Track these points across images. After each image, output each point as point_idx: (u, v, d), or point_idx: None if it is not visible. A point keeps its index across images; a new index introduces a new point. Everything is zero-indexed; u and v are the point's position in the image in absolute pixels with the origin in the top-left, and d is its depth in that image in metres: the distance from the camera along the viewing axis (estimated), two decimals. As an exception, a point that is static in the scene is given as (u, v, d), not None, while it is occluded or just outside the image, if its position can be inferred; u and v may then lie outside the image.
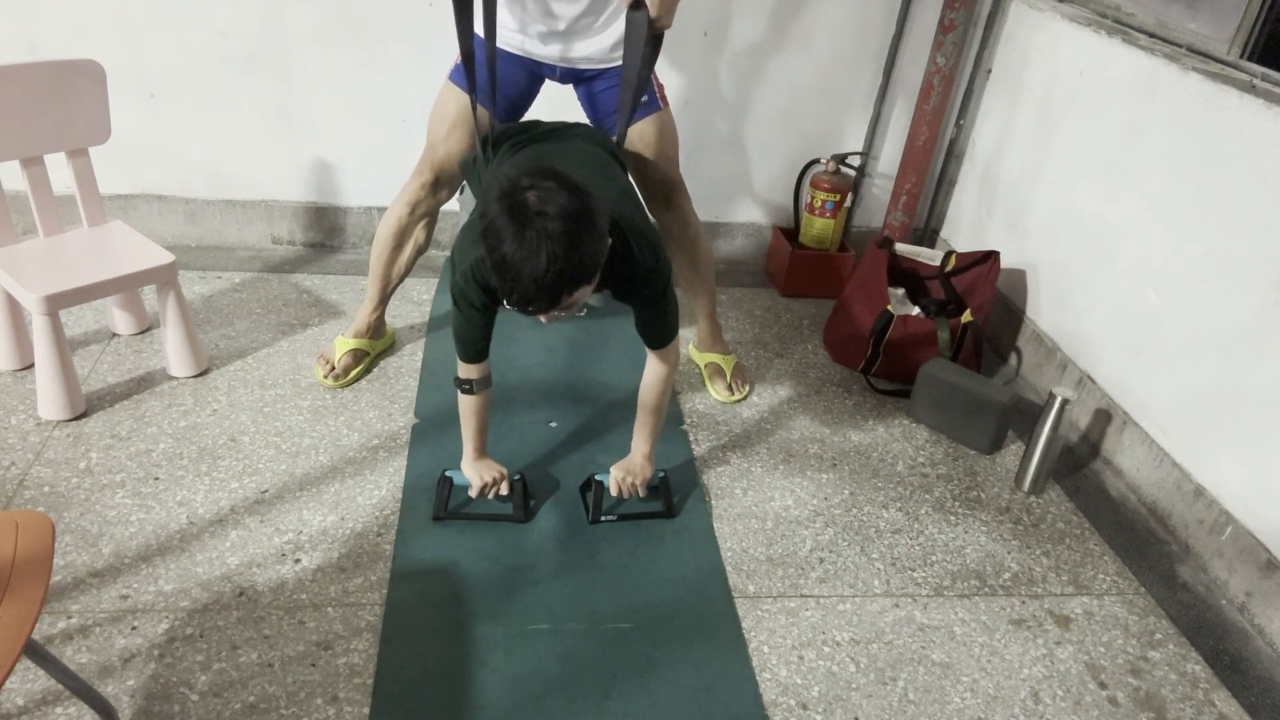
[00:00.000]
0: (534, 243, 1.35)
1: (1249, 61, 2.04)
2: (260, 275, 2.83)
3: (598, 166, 1.80)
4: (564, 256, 1.37)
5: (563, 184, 1.40)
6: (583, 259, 1.40)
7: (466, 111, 2.05)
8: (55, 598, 1.67)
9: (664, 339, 1.81)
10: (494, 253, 1.39)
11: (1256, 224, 1.91)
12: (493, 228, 1.39)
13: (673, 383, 1.93)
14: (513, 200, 1.38)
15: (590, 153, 1.85)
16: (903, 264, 2.77)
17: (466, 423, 1.88)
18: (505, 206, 1.38)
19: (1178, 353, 2.12)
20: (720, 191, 3.09)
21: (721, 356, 2.48)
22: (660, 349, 1.83)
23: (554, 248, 1.36)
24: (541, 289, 1.39)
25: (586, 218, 1.41)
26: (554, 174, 1.42)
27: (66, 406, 2.11)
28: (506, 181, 1.41)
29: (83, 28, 2.61)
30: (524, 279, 1.38)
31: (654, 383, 1.88)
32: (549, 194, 1.37)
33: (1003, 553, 2.02)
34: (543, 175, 1.41)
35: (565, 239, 1.37)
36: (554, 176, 1.41)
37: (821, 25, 2.84)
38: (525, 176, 1.40)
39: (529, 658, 1.64)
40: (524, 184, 1.39)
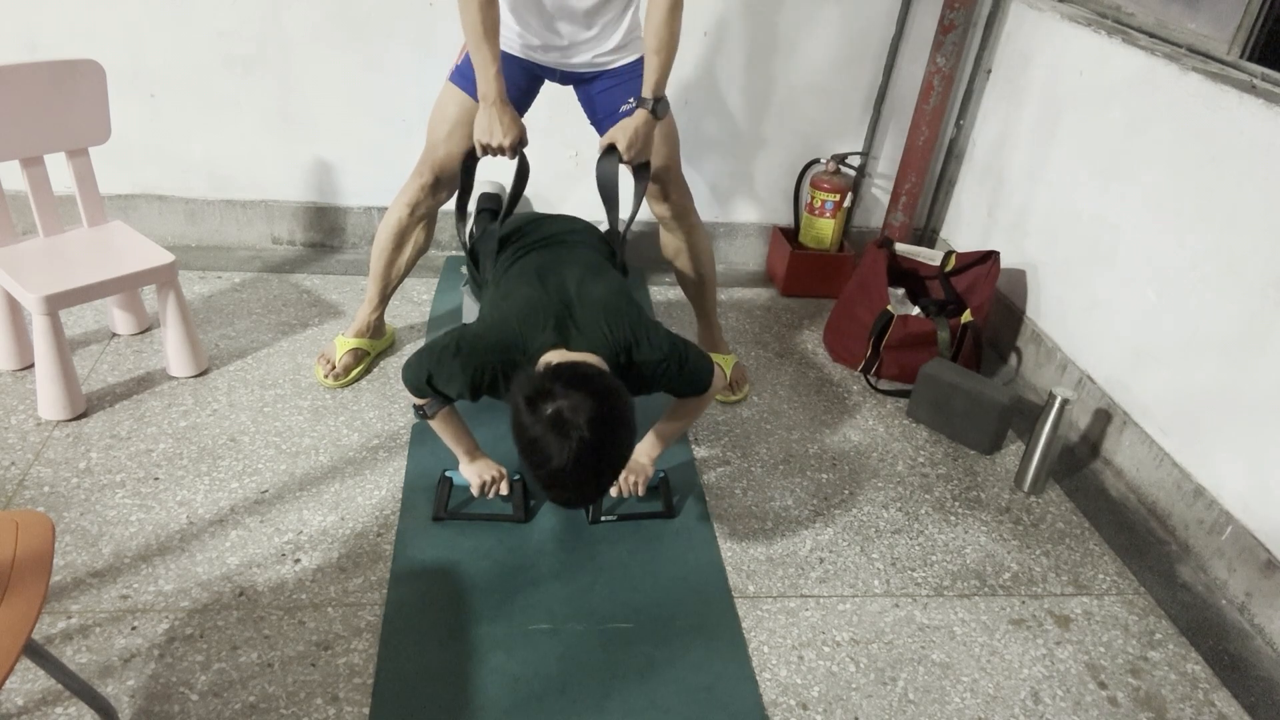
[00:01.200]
0: (575, 457, 1.45)
1: (1249, 61, 2.04)
2: (260, 275, 2.83)
3: (595, 271, 1.84)
4: (606, 469, 1.53)
5: (588, 388, 1.48)
6: (619, 458, 1.56)
7: (467, 112, 2.05)
8: (55, 598, 1.67)
9: (704, 386, 1.84)
10: (540, 470, 1.49)
11: (1256, 224, 1.92)
12: (534, 446, 1.48)
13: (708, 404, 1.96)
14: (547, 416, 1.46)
15: (587, 259, 1.89)
16: (903, 264, 2.77)
17: (445, 436, 1.89)
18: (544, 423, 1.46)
19: (1178, 353, 2.12)
20: (720, 191, 3.09)
21: (721, 356, 2.48)
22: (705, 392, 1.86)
23: (596, 458, 1.48)
24: (585, 496, 1.60)
25: (617, 419, 1.51)
26: (578, 378, 1.50)
27: (66, 406, 2.11)
28: (533, 389, 1.49)
29: (83, 28, 2.61)
30: (570, 490, 1.53)
31: (697, 402, 1.90)
32: (579, 404, 1.46)
33: (1003, 553, 2.02)
34: (568, 382, 1.48)
35: (604, 448, 1.49)
36: (579, 382, 1.49)
37: (821, 25, 2.84)
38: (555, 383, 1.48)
39: (529, 658, 1.64)
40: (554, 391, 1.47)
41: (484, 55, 1.86)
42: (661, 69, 1.93)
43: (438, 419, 1.83)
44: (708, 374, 1.83)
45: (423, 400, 1.79)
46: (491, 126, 1.90)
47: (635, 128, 1.94)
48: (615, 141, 1.95)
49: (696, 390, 1.84)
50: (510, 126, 1.91)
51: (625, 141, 1.94)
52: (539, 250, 1.90)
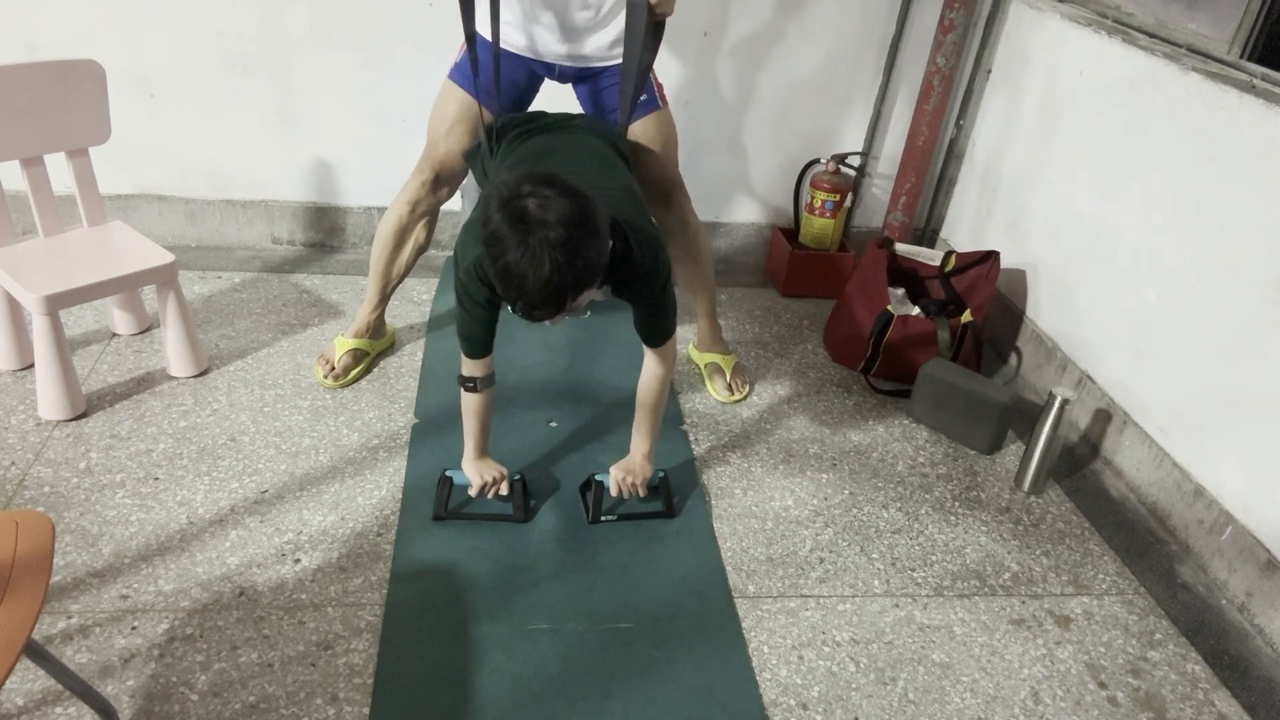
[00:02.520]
0: (536, 251, 1.36)
1: (1249, 61, 2.04)
2: (260, 275, 2.83)
3: (600, 161, 1.80)
4: (567, 263, 1.38)
5: (562, 190, 1.41)
6: (585, 264, 1.42)
7: (466, 110, 2.05)
8: (55, 598, 1.67)
9: (661, 337, 1.82)
10: (497, 262, 1.41)
11: (1256, 224, 1.91)
12: (495, 237, 1.40)
13: (670, 381, 1.93)
14: (514, 208, 1.38)
15: (593, 146, 1.85)
16: (903, 264, 2.77)
17: (469, 421, 1.88)
18: (507, 215, 1.38)
19: (1178, 353, 2.12)
20: (720, 191, 3.09)
21: (721, 356, 2.48)
22: (658, 347, 1.83)
23: (556, 255, 1.37)
24: (546, 296, 1.41)
25: (587, 223, 1.41)
26: (553, 180, 1.42)
27: (66, 406, 2.11)
28: (506, 189, 1.42)
29: (83, 28, 2.61)
30: (528, 287, 1.40)
31: (651, 381, 1.88)
32: (549, 201, 1.38)
33: (1003, 553, 2.02)
34: (542, 182, 1.41)
35: (567, 246, 1.38)
36: (553, 183, 1.42)
37: (821, 25, 2.84)
38: (525, 183, 1.41)
39: (529, 658, 1.64)
40: (524, 191, 1.40)
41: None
42: None
43: (476, 399, 1.82)
44: (672, 324, 1.80)
45: (475, 371, 1.78)
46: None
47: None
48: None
49: (660, 328, 1.80)
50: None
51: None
52: (541, 134, 1.86)
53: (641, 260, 1.66)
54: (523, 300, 1.43)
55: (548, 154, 1.77)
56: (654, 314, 1.78)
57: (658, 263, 1.69)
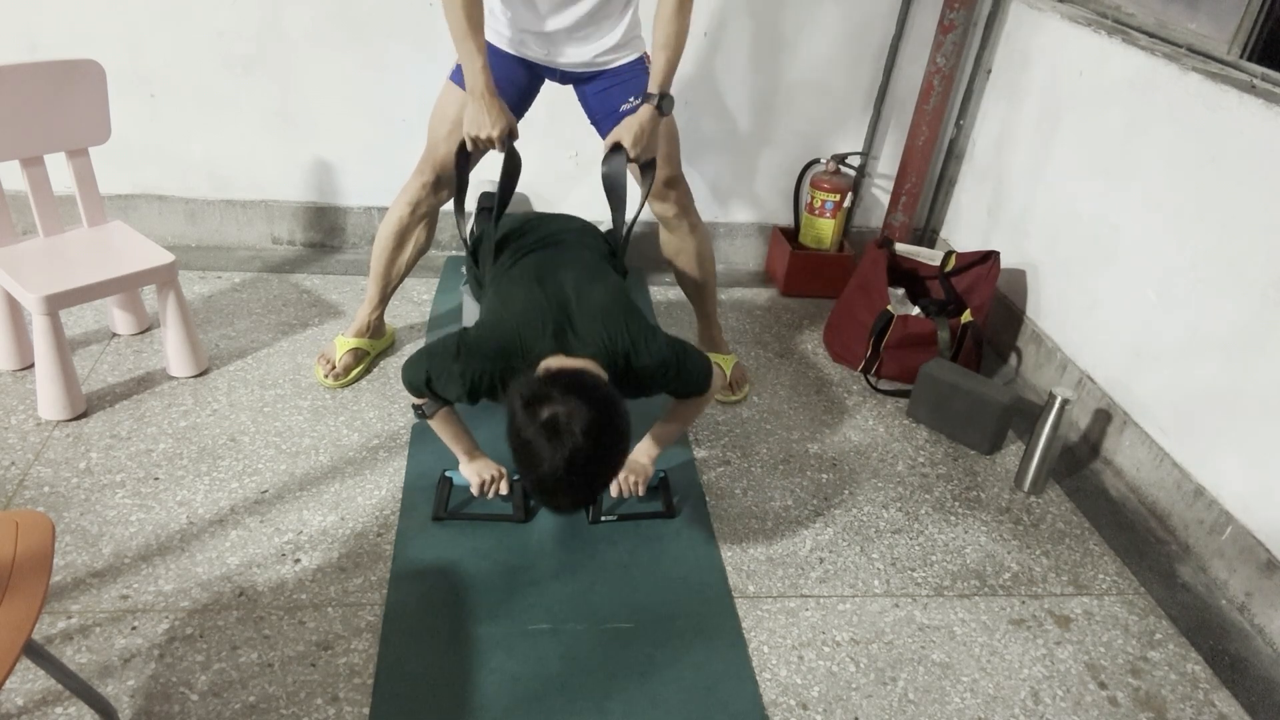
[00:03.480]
0: (569, 464, 1.47)
1: (1249, 61, 2.04)
2: (260, 275, 2.83)
3: (593, 272, 1.83)
4: (597, 473, 1.54)
5: (585, 396, 1.49)
6: (611, 468, 1.58)
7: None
8: (55, 598, 1.67)
9: (702, 387, 1.85)
10: (531, 473, 1.51)
11: (1256, 224, 1.91)
12: (528, 448, 1.49)
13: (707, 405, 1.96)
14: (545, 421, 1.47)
15: (586, 260, 1.88)
16: (903, 264, 2.77)
17: (444, 436, 1.89)
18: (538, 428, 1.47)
19: (1178, 353, 2.12)
20: (720, 191, 3.09)
21: (721, 356, 2.48)
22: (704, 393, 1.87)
23: (588, 467, 1.50)
24: (576, 502, 1.63)
25: (613, 427, 1.52)
26: (576, 385, 1.51)
27: (66, 406, 2.11)
28: (532, 393, 1.50)
29: (83, 28, 2.61)
30: (561, 496, 1.55)
31: (696, 403, 1.91)
32: (575, 411, 1.47)
33: (1003, 553, 2.02)
34: (565, 389, 1.50)
35: (596, 459, 1.50)
36: (576, 389, 1.50)
37: (821, 25, 2.84)
38: (554, 390, 1.49)
39: (529, 658, 1.64)
40: (551, 397, 1.48)
41: (469, 49, 1.85)
42: (668, 65, 1.92)
43: (437, 419, 1.83)
44: (706, 375, 1.83)
45: (421, 400, 1.79)
46: (479, 118, 1.89)
47: (641, 124, 1.93)
48: (621, 140, 1.94)
49: (695, 391, 1.85)
50: (499, 117, 1.89)
51: (631, 139, 1.93)
52: (537, 251, 1.90)
53: (646, 365, 1.72)
54: (556, 505, 1.59)
55: (544, 273, 1.80)
56: (684, 386, 1.82)
57: (662, 356, 1.74)
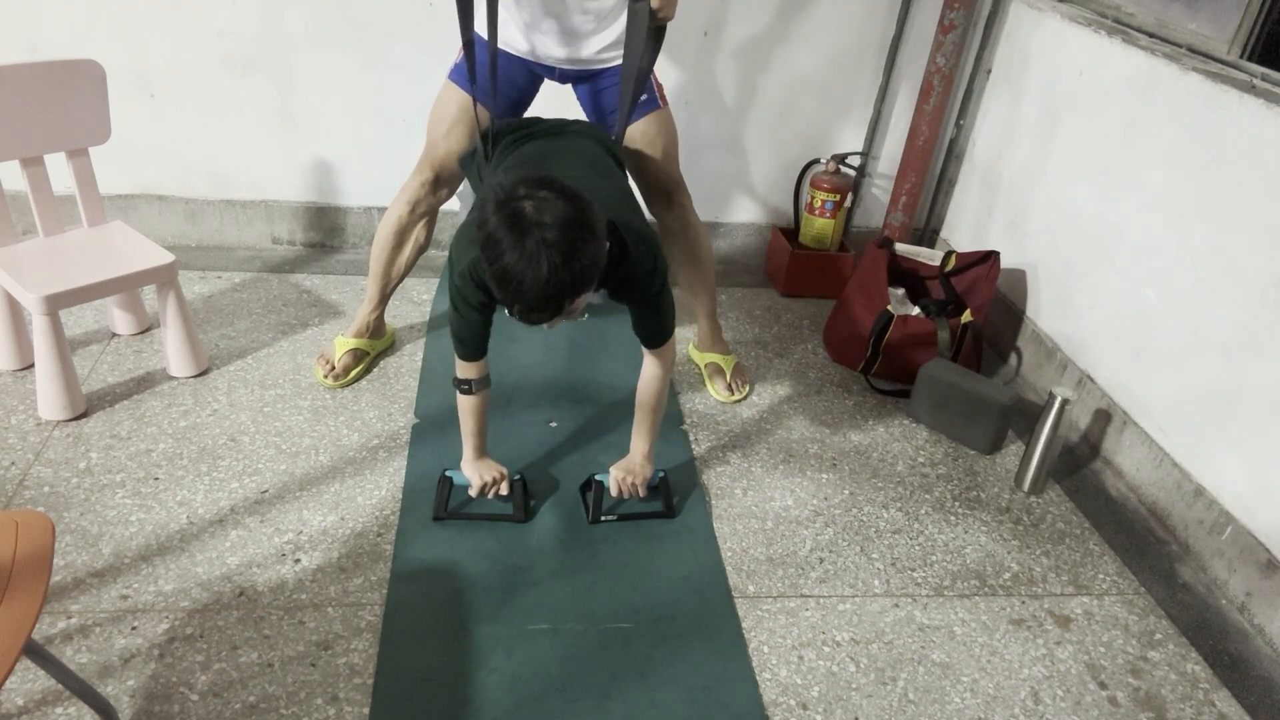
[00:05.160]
0: (533, 253, 1.36)
1: (1249, 61, 2.04)
2: (260, 275, 2.83)
3: (595, 165, 1.80)
4: (564, 265, 1.38)
5: (559, 192, 1.40)
6: (582, 266, 1.41)
7: (467, 110, 2.05)
8: (55, 598, 1.67)
9: (660, 338, 1.81)
10: (494, 264, 1.40)
11: (1256, 224, 1.91)
12: (491, 239, 1.39)
13: (669, 381, 1.93)
14: (510, 210, 1.38)
15: (588, 150, 1.85)
16: (903, 264, 2.77)
17: (466, 422, 1.88)
18: (503, 217, 1.38)
19: (1178, 353, 2.12)
20: (720, 191, 3.09)
21: (721, 356, 2.48)
22: (657, 348, 1.83)
23: (553, 257, 1.36)
24: (544, 299, 1.40)
25: (584, 225, 1.41)
26: (549, 182, 1.42)
27: (66, 406, 2.11)
28: (502, 191, 1.41)
29: (83, 28, 2.61)
30: (525, 289, 1.39)
31: (651, 381, 1.88)
32: (545, 203, 1.38)
33: (1003, 553, 2.02)
34: (538, 184, 1.41)
35: (564, 247, 1.37)
36: (549, 185, 1.41)
37: (821, 25, 2.84)
38: (521, 185, 1.41)
39: (529, 658, 1.64)
40: (520, 193, 1.39)
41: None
42: None
43: (472, 401, 1.82)
44: (671, 325, 1.80)
45: (470, 373, 1.78)
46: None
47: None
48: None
49: (659, 329, 1.80)
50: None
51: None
52: (536, 139, 1.85)
53: (639, 261, 1.66)
54: (520, 303, 1.42)
55: (542, 158, 1.77)
56: (652, 315, 1.78)
57: (655, 263, 1.69)
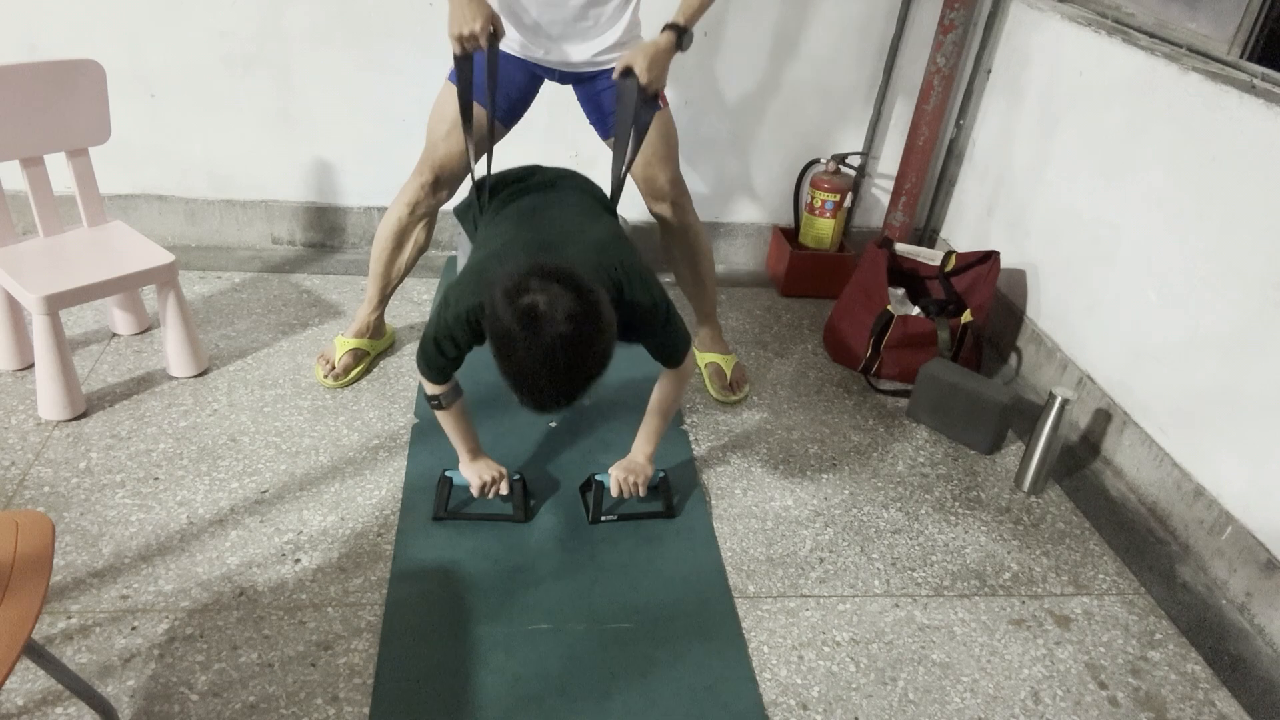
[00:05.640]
0: (548, 353, 1.36)
1: (1249, 61, 2.04)
2: (260, 275, 2.83)
3: (586, 213, 1.81)
4: (577, 366, 1.40)
5: (569, 285, 1.39)
6: (595, 362, 1.43)
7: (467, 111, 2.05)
8: (55, 598, 1.67)
9: (678, 358, 1.82)
10: (508, 361, 1.40)
11: (1256, 224, 1.92)
12: (505, 336, 1.39)
13: (685, 390, 1.93)
14: (523, 307, 1.37)
15: (580, 201, 1.86)
16: (903, 264, 2.77)
17: (451, 432, 1.89)
18: (516, 314, 1.37)
19: (1178, 353, 2.12)
20: (720, 191, 3.09)
21: (721, 357, 2.48)
22: (678, 366, 1.85)
23: (568, 357, 1.38)
24: (557, 397, 1.43)
25: (595, 317, 1.40)
26: (559, 274, 1.40)
27: (66, 406, 2.11)
28: (511, 281, 1.39)
29: (83, 28, 2.61)
30: (539, 390, 1.42)
31: (668, 390, 1.89)
32: (557, 300, 1.36)
33: (1003, 553, 2.02)
34: (549, 276, 1.39)
35: (577, 348, 1.38)
36: (559, 278, 1.39)
37: (821, 25, 2.84)
38: (533, 278, 1.38)
39: (529, 658, 1.64)
40: (532, 285, 1.38)
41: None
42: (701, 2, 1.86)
43: (448, 413, 1.82)
44: (685, 342, 1.81)
45: (438, 389, 1.78)
46: (460, 16, 1.80)
47: (657, 47, 1.85)
48: (634, 63, 1.86)
49: (674, 353, 1.80)
50: (478, 11, 1.80)
51: (645, 62, 1.84)
52: (532, 194, 1.86)
53: (638, 302, 1.67)
54: (534, 400, 1.44)
55: (535, 212, 1.77)
56: (665, 342, 1.79)
57: (654, 298, 1.70)
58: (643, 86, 1.86)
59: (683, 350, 1.81)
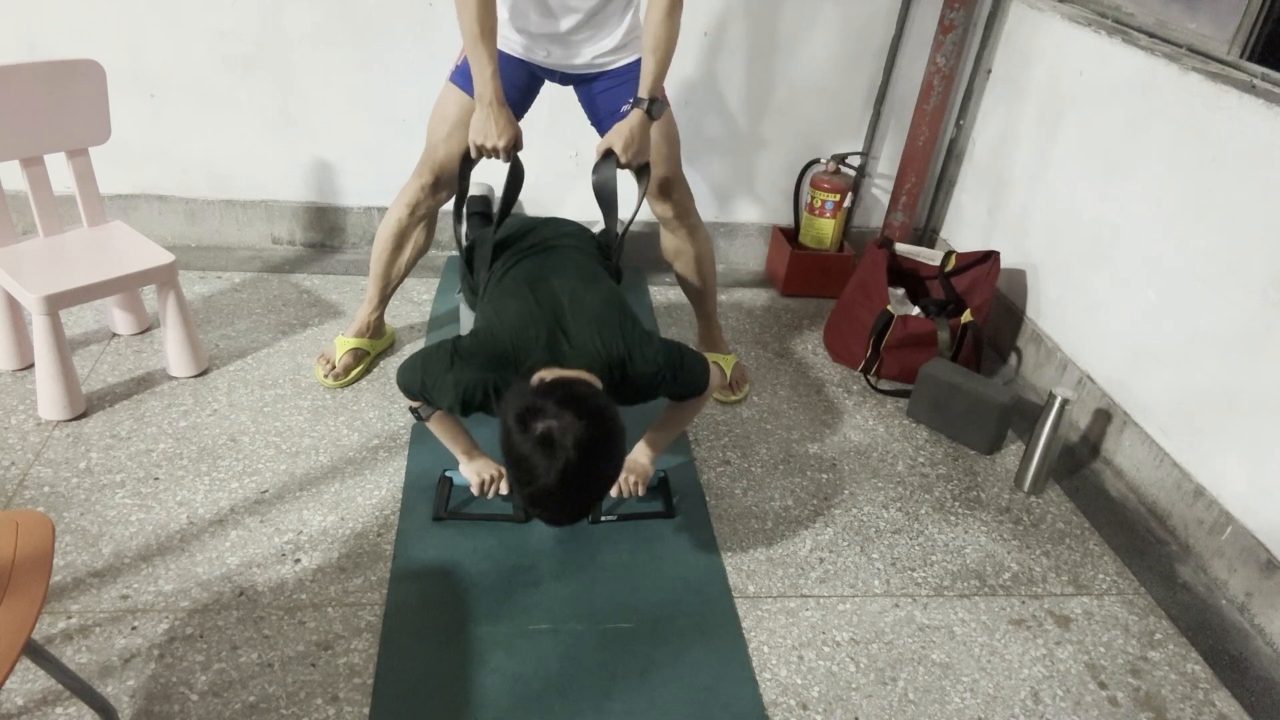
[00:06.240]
0: (563, 477, 1.47)
1: (1249, 61, 2.04)
2: (260, 275, 2.83)
3: (584, 277, 1.83)
4: (590, 486, 1.54)
5: (580, 411, 1.49)
6: (605, 482, 1.57)
7: (467, 113, 2.05)
8: (55, 598, 1.67)
9: (701, 386, 1.84)
10: (527, 486, 1.51)
11: (1256, 224, 1.92)
12: (524, 463, 1.49)
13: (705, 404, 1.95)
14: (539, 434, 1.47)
15: (578, 262, 1.88)
16: (903, 264, 2.77)
17: (442, 436, 1.88)
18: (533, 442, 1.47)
19: (1178, 353, 2.12)
20: (720, 191, 3.09)
21: (721, 356, 2.48)
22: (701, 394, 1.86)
23: (581, 479, 1.50)
24: (570, 515, 1.60)
25: (607, 441, 1.52)
26: (569, 398, 1.50)
27: (66, 406, 2.11)
28: (525, 406, 1.50)
29: (83, 28, 2.61)
30: (555, 509, 1.56)
31: (687, 405, 1.90)
32: (569, 429, 1.46)
33: (1003, 553, 2.02)
34: (561, 402, 1.49)
35: (590, 470, 1.51)
36: (570, 403, 1.49)
37: (821, 25, 2.84)
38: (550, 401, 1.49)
39: (529, 658, 1.64)
40: (548, 412, 1.48)
41: (481, 55, 1.85)
42: (658, 69, 1.92)
43: (434, 420, 1.83)
44: (704, 376, 1.83)
45: (417, 403, 1.79)
46: (487, 127, 1.89)
47: (631, 129, 1.92)
48: (612, 145, 1.93)
49: (693, 394, 1.84)
50: (506, 128, 1.90)
51: (622, 144, 1.92)
52: (531, 257, 1.89)
53: (643, 372, 1.72)
54: (549, 517, 1.60)
55: (534, 281, 1.79)
56: (683, 383, 1.80)
57: (658, 364, 1.73)
58: (624, 165, 1.94)
59: (704, 382, 1.83)
